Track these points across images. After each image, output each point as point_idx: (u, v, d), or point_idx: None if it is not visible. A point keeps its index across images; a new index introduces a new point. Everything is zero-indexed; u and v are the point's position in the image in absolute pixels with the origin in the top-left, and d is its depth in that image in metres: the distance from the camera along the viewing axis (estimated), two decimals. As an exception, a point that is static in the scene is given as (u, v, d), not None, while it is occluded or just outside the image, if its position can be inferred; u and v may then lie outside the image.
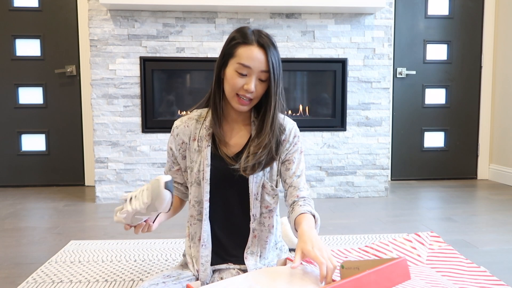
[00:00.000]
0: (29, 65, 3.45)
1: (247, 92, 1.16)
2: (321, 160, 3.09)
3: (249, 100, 1.19)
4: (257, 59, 1.15)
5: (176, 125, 1.30)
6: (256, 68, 1.15)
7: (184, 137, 1.28)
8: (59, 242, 2.11)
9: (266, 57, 1.15)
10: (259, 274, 1.06)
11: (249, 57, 1.15)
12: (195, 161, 1.27)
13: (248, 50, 1.15)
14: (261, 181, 1.25)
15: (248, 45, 1.16)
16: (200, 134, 1.27)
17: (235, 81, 1.16)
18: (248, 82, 1.16)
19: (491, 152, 3.80)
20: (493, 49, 3.74)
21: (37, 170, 3.53)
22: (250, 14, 2.96)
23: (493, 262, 1.81)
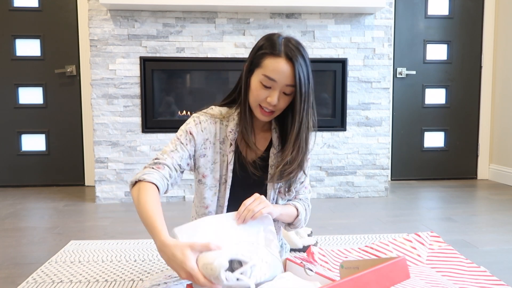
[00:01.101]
0: (29, 65, 3.45)
1: (269, 105, 1.13)
2: (321, 160, 3.09)
3: (271, 111, 1.16)
4: (282, 73, 1.10)
5: (201, 119, 1.23)
6: (281, 81, 1.11)
7: (209, 134, 1.22)
8: (59, 242, 2.11)
9: (293, 71, 1.10)
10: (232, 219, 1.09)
11: (274, 70, 1.10)
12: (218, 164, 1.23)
13: (274, 62, 1.11)
14: (278, 186, 1.26)
15: (275, 57, 1.11)
16: (224, 136, 1.23)
17: (258, 92, 1.13)
18: (272, 95, 1.12)
19: (491, 152, 3.80)
20: (493, 49, 3.74)
21: (37, 170, 3.53)
22: (250, 14, 2.96)
23: (493, 262, 1.81)
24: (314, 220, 2.47)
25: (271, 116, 1.17)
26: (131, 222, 2.47)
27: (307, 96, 1.13)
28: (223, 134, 1.23)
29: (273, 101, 1.12)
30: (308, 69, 1.14)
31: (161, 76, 3.05)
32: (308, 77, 1.13)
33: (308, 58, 1.15)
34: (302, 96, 1.12)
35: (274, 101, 1.12)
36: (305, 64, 1.13)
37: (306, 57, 1.15)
